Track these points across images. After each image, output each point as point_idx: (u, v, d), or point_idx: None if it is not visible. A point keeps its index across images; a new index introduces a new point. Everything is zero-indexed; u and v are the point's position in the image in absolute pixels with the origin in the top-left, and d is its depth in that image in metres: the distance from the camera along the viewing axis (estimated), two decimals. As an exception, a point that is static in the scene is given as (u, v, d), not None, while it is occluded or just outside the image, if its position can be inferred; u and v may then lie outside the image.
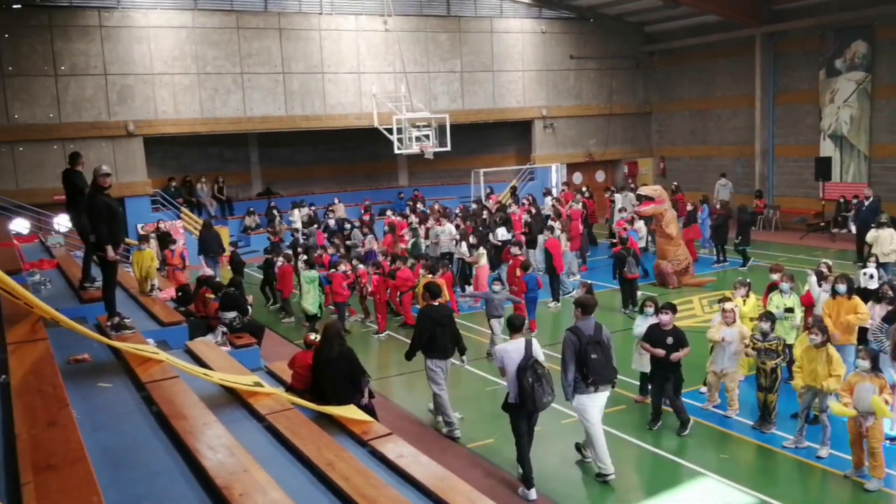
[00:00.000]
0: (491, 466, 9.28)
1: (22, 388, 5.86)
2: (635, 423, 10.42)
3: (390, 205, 27.51)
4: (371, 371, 9.32)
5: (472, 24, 28.18)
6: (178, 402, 6.31)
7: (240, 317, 12.52)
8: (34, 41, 21.68)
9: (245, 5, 24.48)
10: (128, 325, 8.49)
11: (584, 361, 8.50)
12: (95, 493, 4.02)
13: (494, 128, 30.00)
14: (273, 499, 4.60)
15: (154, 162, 24.24)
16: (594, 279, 18.34)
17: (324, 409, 7.32)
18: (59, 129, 22.03)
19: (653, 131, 32.54)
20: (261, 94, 24.71)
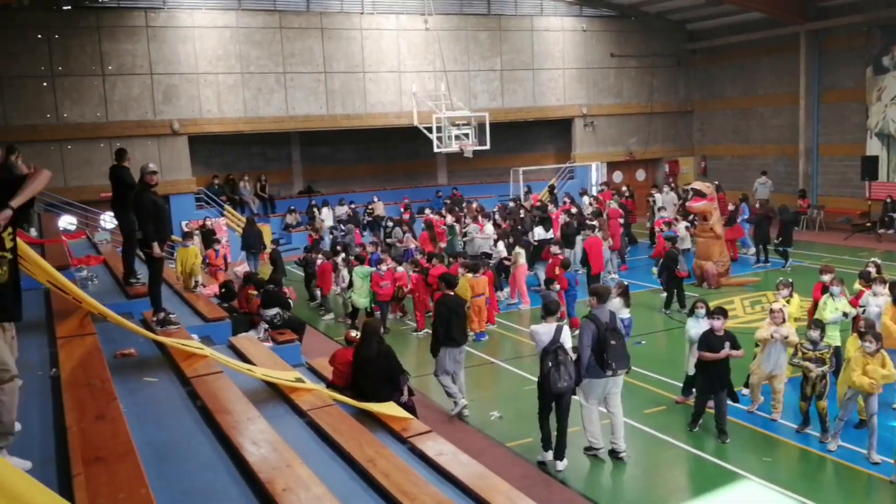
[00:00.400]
0: (529, 465, 9.26)
1: (71, 382, 6.00)
2: (676, 425, 10.32)
3: (429, 203, 27.59)
4: (409, 369, 9.38)
5: (513, 23, 28.13)
6: (222, 397, 6.40)
7: (281, 313, 12.68)
8: (83, 42, 22.14)
9: (288, 5, 24.73)
10: (173, 320, 8.62)
11: (603, 347, 8.89)
12: (143, 486, 4.10)
13: (534, 126, 29.92)
14: (316, 494, 4.64)
15: (198, 160, 24.61)
16: (633, 279, 18.21)
17: (364, 406, 7.38)
18: (107, 128, 22.47)
19: (694, 130, 32.16)
20: (303, 94, 24.96)
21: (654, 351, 13.76)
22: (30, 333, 7.62)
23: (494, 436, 10.13)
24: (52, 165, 21.37)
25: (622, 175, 30.96)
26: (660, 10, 29.63)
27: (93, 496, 4.00)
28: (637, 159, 31.16)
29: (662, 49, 30.67)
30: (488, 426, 10.46)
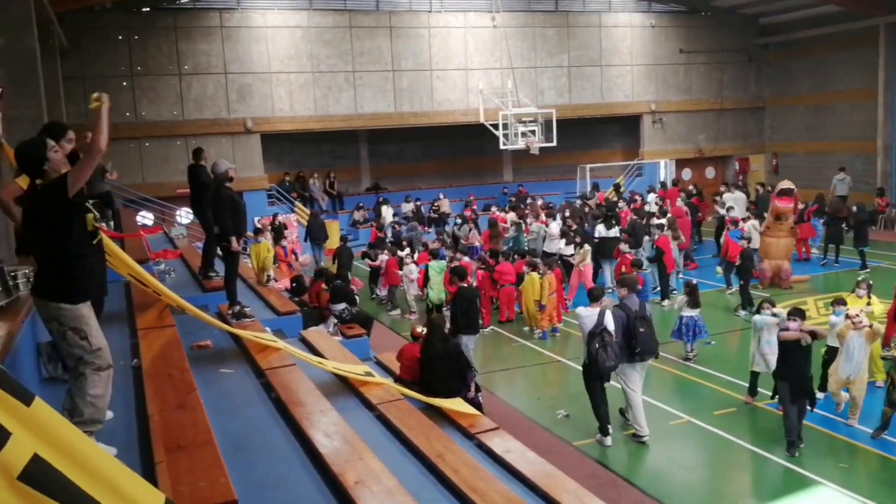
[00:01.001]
0: (596, 465, 9.22)
1: (152, 372, 6.22)
2: (746, 426, 10.13)
3: (494, 200, 27.60)
4: (476, 365, 9.42)
5: (581, 19, 27.93)
6: (294, 389, 6.55)
7: (349, 308, 12.88)
8: (160, 42, 22.82)
9: (357, 4, 25.03)
10: (247, 313, 8.80)
11: (632, 335, 9.48)
12: (223, 476, 4.23)
13: (601, 123, 29.66)
14: (387, 487, 4.70)
15: (270, 157, 25.12)
16: (701, 278, 17.88)
17: (432, 401, 7.44)
18: (182, 126, 23.12)
19: (766, 126, 31.35)
20: (371, 92, 25.23)
21: (724, 352, 13.52)
22: (112, 324, 7.89)
23: (561, 434, 10.10)
24: (130, 162, 22.19)
25: (691, 173, 30.47)
26: (731, 4, 29.02)
27: (175, 483, 4.14)
28: (706, 157, 30.58)
29: (733, 44, 30.03)
30: (555, 425, 10.44)
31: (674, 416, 10.33)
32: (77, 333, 4.56)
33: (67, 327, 4.56)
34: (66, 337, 4.56)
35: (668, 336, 13.00)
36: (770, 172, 30.23)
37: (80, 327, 4.57)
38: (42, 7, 13.38)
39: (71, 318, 4.57)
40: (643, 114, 29.22)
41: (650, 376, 12.39)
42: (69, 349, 4.60)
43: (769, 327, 10.19)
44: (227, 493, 4.03)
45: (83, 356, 4.59)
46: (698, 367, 12.47)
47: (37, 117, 11.91)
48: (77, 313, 4.58)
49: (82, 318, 4.60)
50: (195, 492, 4.03)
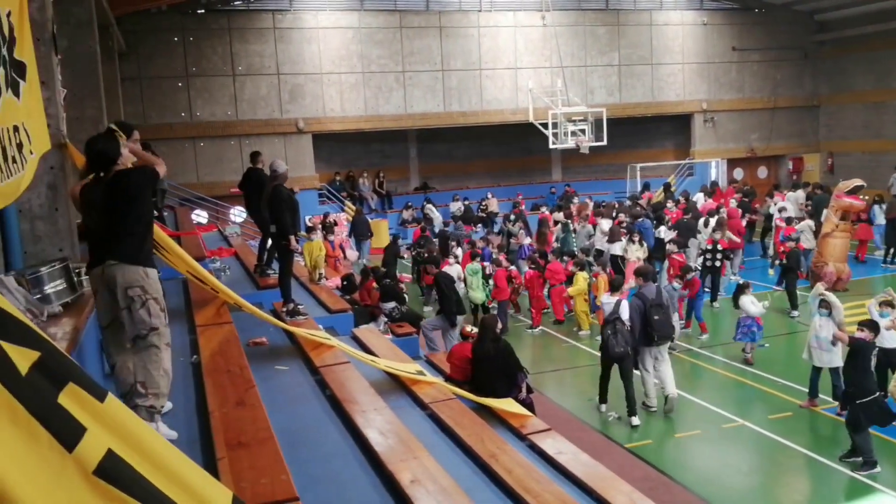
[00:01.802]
0: (648, 467, 9.13)
1: (211, 368, 6.34)
2: (803, 431, 9.96)
3: (542, 200, 27.47)
4: (525, 366, 9.37)
5: (632, 17, 27.65)
6: (348, 387, 6.61)
7: (398, 307, 12.96)
8: (215, 43, 23.23)
9: (408, 5, 25.13)
10: (301, 311, 8.92)
11: (648, 321, 10.34)
12: (284, 472, 4.29)
13: (652, 122, 29.29)
14: (443, 487, 4.71)
15: (321, 157, 25.34)
16: (752, 279, 17.54)
17: (483, 401, 7.44)
18: (236, 126, 23.49)
19: (821, 125, 30.60)
20: (421, 92, 25.33)
21: (778, 354, 13.29)
22: (171, 321, 8.02)
23: (613, 436, 10.05)
24: (185, 162, 22.62)
25: (743, 172, 29.92)
26: (786, 1, 28.42)
27: (236, 480, 4.21)
28: (758, 156, 30.02)
29: (787, 41, 29.39)
30: (606, 426, 10.40)
31: (727, 420, 10.19)
32: (158, 304, 4.71)
33: (151, 296, 4.68)
34: (147, 305, 4.65)
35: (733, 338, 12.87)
36: (825, 172, 29.56)
37: (160, 299, 4.75)
38: (102, 10, 13.70)
39: (156, 288, 4.75)
40: (694, 113, 28.80)
41: (701, 377, 12.33)
42: (146, 318, 4.66)
43: (822, 319, 10.02)
44: (288, 490, 4.09)
45: (159, 328, 4.70)
46: (751, 370, 12.29)
47: (97, 118, 12.18)
48: (158, 286, 4.79)
49: (160, 292, 4.80)
50: (257, 488, 4.10)
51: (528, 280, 15.82)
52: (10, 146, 5.48)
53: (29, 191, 6.60)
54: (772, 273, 18.63)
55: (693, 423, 10.36)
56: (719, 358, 12.91)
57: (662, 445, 9.66)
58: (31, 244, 7.95)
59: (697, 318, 14.48)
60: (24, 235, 7.84)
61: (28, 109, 6.28)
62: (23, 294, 6.03)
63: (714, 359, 12.93)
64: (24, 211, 7.82)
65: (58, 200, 8.06)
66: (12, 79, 5.78)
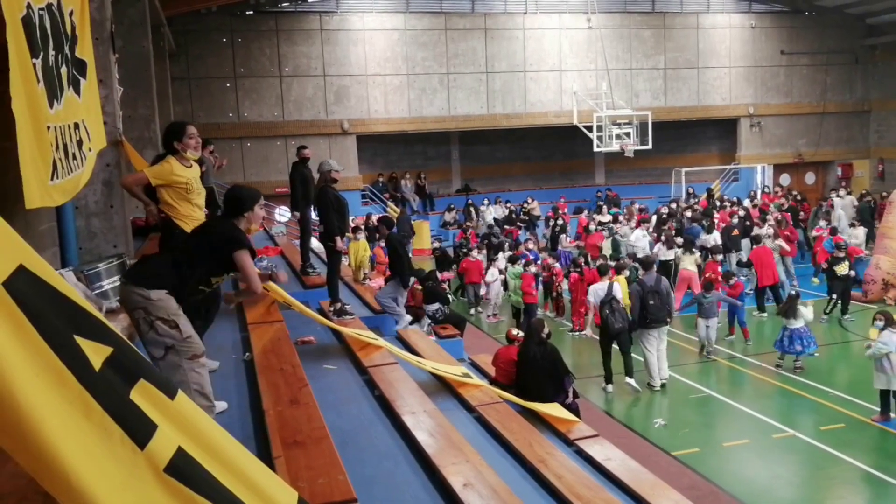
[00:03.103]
0: (696, 476, 9.00)
1: (264, 366, 6.38)
2: (856, 443, 9.70)
3: (586, 203, 27.33)
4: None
5: (678, 20, 27.40)
6: (397, 387, 6.61)
7: (442, 308, 12.98)
8: (263, 45, 23.54)
9: (453, 7, 25.21)
10: (348, 310, 8.97)
11: (644, 306, 11.52)
12: (341, 473, 4.29)
13: (697, 126, 29.00)
14: (495, 491, 4.68)
15: (364, 158, 25.54)
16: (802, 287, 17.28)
17: (529, 405, 7.42)
18: (282, 127, 23.80)
19: (871, 131, 29.99)
20: (464, 94, 25.38)
21: (828, 364, 13.04)
22: (222, 319, 8.15)
23: (659, 443, 9.94)
24: (232, 161, 22.89)
25: (790, 178, 29.39)
26: (837, 4, 27.87)
27: (293, 479, 4.21)
28: (806, 161, 29.51)
29: (838, 45, 28.88)
30: (653, 433, 10.29)
31: (777, 430, 10.02)
32: (167, 323, 4.61)
33: (155, 317, 4.60)
34: (155, 326, 4.60)
35: (773, 346, 12.69)
36: (875, 178, 28.94)
37: (169, 317, 4.62)
38: (154, 11, 13.95)
39: (161, 307, 4.62)
40: (741, 117, 28.44)
41: (749, 385, 12.18)
42: (159, 338, 4.62)
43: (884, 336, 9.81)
44: (346, 490, 4.10)
45: (175, 345, 4.68)
46: (801, 380, 12.06)
47: (149, 116, 12.45)
48: (168, 304, 4.64)
49: (171, 309, 4.66)
50: (314, 488, 4.11)
51: (571, 284, 15.75)
52: (71, 143, 5.61)
53: (85, 187, 6.75)
54: (816, 282, 18.31)
55: (741, 433, 10.22)
56: (766, 366, 12.72)
57: (710, 454, 9.52)
58: (87, 240, 8.12)
59: (741, 323, 14.30)
60: (79, 232, 8.02)
61: (87, 107, 6.42)
62: (81, 290, 6.16)
63: (762, 367, 12.73)
64: (81, 208, 7.99)
65: (113, 197, 8.23)
66: (74, 76, 5.92)
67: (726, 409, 11.21)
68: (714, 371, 13.07)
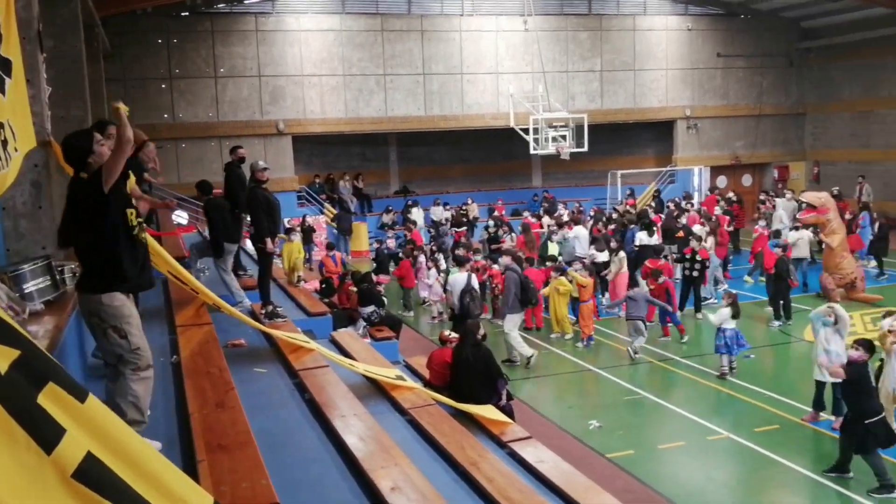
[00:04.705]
0: (631, 478, 8.99)
1: (191, 369, 6.27)
2: (789, 444, 9.78)
3: (523, 205, 27.53)
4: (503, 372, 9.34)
5: (614, 22, 27.71)
6: (328, 391, 6.56)
7: (377, 310, 12.94)
8: (198, 46, 23.27)
9: (390, 8, 25.17)
10: (280, 313, 8.86)
11: (524, 290, 13.27)
12: (264, 477, 4.24)
13: (634, 128, 29.34)
14: (423, 494, 4.67)
15: (300, 159, 25.33)
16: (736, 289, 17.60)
17: (463, 408, 7.42)
18: (217, 128, 23.51)
19: (807, 133, 30.70)
20: (402, 95, 25.34)
21: (763, 366, 13.24)
22: (151, 321, 8.00)
23: (593, 445, 9.92)
24: (167, 163, 22.42)
25: (726, 180, 29.88)
26: (772, 7, 28.43)
27: (216, 483, 4.15)
28: (743, 164, 30.13)
29: (773, 48, 29.52)
30: (587, 435, 10.28)
31: (712, 432, 10.14)
32: (117, 332, 4.56)
33: (108, 324, 4.56)
34: (107, 334, 4.58)
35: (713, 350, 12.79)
36: (811, 181, 29.47)
37: (120, 326, 4.57)
38: (88, 10, 13.62)
39: (112, 315, 4.57)
40: (677, 119, 28.87)
41: (685, 387, 12.33)
42: (109, 347, 4.62)
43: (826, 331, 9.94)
44: (268, 495, 4.04)
45: (123, 355, 4.61)
46: (737, 382, 12.15)
47: (82, 117, 12.11)
48: (120, 311, 4.59)
49: (123, 317, 4.60)
50: (237, 492, 4.05)
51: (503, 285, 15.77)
52: (-6, 143, 5.41)
53: (13, 188, 6.53)
54: (750, 281, 18.74)
55: (676, 435, 10.28)
56: (703, 368, 12.88)
57: (644, 456, 9.54)
58: (14, 241, 7.86)
59: (674, 322, 14.51)
60: (7, 233, 7.76)
61: (13, 107, 6.21)
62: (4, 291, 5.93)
63: (697, 369, 12.89)
64: (8, 209, 7.73)
65: (41, 199, 7.98)
66: (-2, 76, 5.71)
67: (661, 411, 11.29)
68: (648, 372, 13.17)
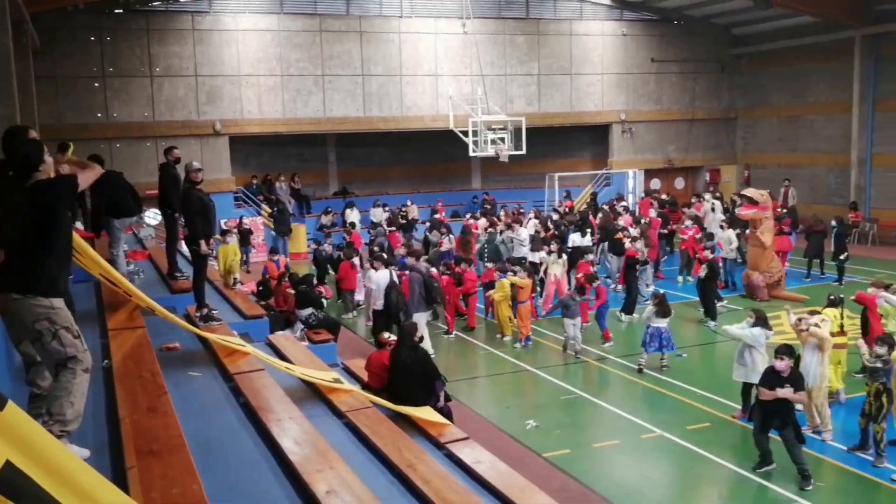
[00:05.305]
0: (567, 478, 9.10)
1: (123, 374, 6.13)
2: (720, 442, 10.03)
3: (462, 207, 27.65)
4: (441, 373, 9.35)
5: (551, 27, 28.05)
6: (263, 395, 6.49)
7: (315, 313, 12.85)
8: (133, 44, 22.82)
9: (328, 9, 25.01)
10: (215, 316, 8.76)
11: (430, 289, 13.74)
12: (196, 483, 4.17)
13: (571, 132, 29.73)
14: (359, 497, 4.66)
15: (238, 160, 25.02)
16: (669, 289, 18.00)
17: (401, 410, 7.42)
18: (153, 128, 23.08)
19: (738, 138, 31.59)
20: (340, 96, 25.22)
21: (694, 365, 13.54)
22: (82, 324, 7.77)
23: (531, 445, 10.02)
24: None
25: (660, 183, 30.54)
26: (704, 14, 29.16)
27: (146, 489, 4.08)
28: (676, 167, 30.78)
29: (706, 54, 30.24)
30: (524, 435, 10.38)
31: (646, 430, 10.31)
32: (70, 332, 4.51)
33: (61, 326, 4.48)
34: (60, 336, 4.47)
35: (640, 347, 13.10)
36: (742, 184, 30.14)
37: (72, 326, 4.55)
38: (16, 6, 13.27)
39: (64, 317, 4.54)
40: (613, 123, 29.37)
41: (617, 386, 12.53)
42: (60, 349, 4.48)
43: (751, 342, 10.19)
44: (200, 500, 3.98)
45: (76, 355, 4.52)
46: (669, 381, 12.42)
47: (10, 115, 11.82)
48: (67, 313, 4.57)
49: (70, 319, 4.60)
50: (167, 498, 3.98)
51: (443, 286, 15.84)
52: None
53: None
54: (681, 281, 19.18)
55: (611, 433, 10.46)
56: (635, 366, 13.10)
57: (581, 455, 9.67)
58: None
59: (601, 326, 14.70)
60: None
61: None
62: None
63: (633, 368, 13.12)
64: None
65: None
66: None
67: (597, 410, 11.47)
68: (584, 372, 13.37)
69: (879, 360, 9.04)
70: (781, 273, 17.73)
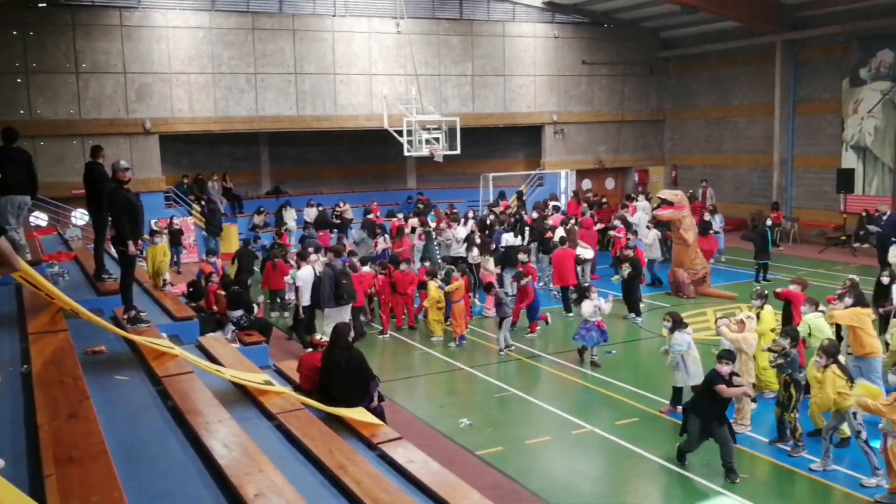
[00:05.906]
0: (500, 475, 9.17)
1: (43, 379, 5.97)
2: (648, 436, 10.19)
3: (398, 206, 27.63)
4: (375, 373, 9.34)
5: (485, 28, 28.19)
6: (192, 398, 6.41)
7: (246, 315, 12.71)
8: (58, 39, 22.08)
9: (260, 7, 24.67)
10: (143, 318, 8.60)
11: (338, 285, 13.47)
12: (116, 489, 4.10)
13: (504, 132, 30.01)
14: (288, 500, 4.65)
15: (168, 159, 24.50)
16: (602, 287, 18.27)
17: (333, 411, 7.39)
18: (79, 126, 22.37)
19: (665, 139, 32.29)
20: (273, 94, 24.91)
21: (624, 361, 13.78)
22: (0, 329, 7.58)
23: (464, 443, 10.07)
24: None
25: (591, 183, 31.04)
26: (633, 17, 29.68)
27: (64, 498, 3.99)
28: (606, 168, 31.32)
29: (635, 57, 30.77)
30: (458, 433, 10.43)
31: (576, 426, 10.46)
32: None
33: None
34: None
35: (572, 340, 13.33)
36: (669, 184, 30.67)
37: None
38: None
39: None
40: (545, 124, 29.66)
41: (549, 384, 12.71)
42: None
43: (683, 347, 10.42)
44: (121, 507, 3.92)
45: None
46: (599, 376, 12.63)
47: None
48: None
49: None
50: (87, 507, 3.91)
51: (378, 286, 15.83)
52: None
53: None
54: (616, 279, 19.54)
55: (543, 430, 10.56)
56: (566, 363, 13.33)
57: (513, 452, 9.75)
58: None
59: (530, 319, 14.99)
60: None
61: None
62: None
63: (564, 365, 13.31)
64: None
65: None
66: None
67: (529, 407, 11.58)
68: (516, 369, 13.52)
69: (781, 356, 9.44)
70: (706, 270, 18.28)
